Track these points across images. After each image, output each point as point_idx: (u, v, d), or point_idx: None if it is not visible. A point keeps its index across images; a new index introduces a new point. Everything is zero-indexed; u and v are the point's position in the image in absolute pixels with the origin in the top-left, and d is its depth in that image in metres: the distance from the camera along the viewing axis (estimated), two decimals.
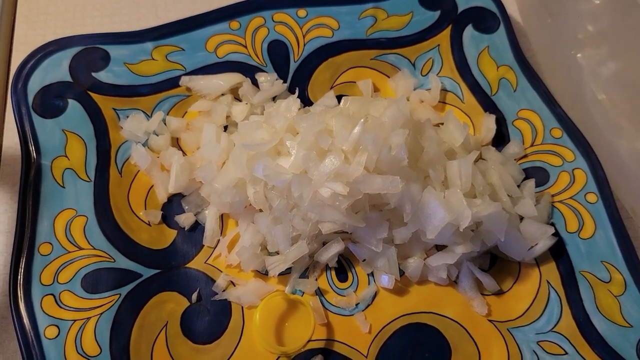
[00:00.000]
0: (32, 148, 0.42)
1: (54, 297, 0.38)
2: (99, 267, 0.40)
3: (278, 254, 0.42)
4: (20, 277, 0.38)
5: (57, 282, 0.39)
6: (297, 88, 0.46)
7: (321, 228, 0.39)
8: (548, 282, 0.42)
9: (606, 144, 0.44)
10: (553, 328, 0.40)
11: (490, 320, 0.41)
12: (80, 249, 0.40)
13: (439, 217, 0.38)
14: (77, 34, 0.47)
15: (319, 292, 0.42)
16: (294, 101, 0.43)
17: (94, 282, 0.39)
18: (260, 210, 0.42)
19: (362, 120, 0.38)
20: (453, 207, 0.39)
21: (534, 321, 0.41)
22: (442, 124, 0.46)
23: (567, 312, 0.41)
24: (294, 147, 0.40)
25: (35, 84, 0.44)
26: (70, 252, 0.40)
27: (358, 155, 0.38)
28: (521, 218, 0.43)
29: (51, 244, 0.40)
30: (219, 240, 0.43)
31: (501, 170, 0.43)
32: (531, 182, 0.44)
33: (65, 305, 0.38)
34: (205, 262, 0.42)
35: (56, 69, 0.45)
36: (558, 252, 0.42)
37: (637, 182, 0.43)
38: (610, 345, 0.39)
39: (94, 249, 0.40)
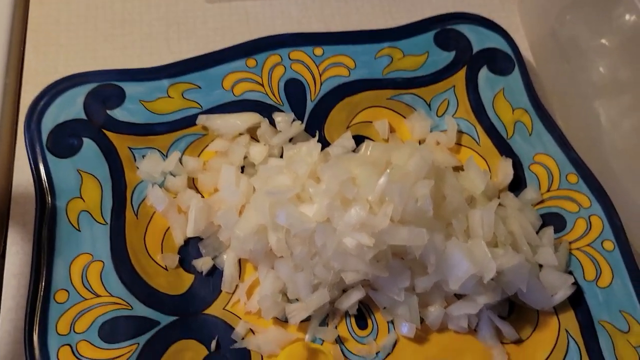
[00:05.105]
0: (46, 189, 0.41)
1: (71, 347, 0.37)
2: (117, 315, 0.39)
3: (298, 300, 0.41)
4: (36, 326, 0.37)
5: (74, 331, 0.38)
6: (317, 131, 0.46)
7: (344, 277, 0.39)
8: (567, 331, 0.42)
9: (623, 191, 0.44)
10: None
11: None
12: (98, 296, 0.39)
13: (463, 269, 0.38)
14: (91, 70, 0.46)
15: (339, 340, 0.41)
16: (315, 146, 0.43)
17: (112, 331, 0.38)
18: (281, 257, 0.41)
19: (388, 171, 0.38)
20: (477, 258, 0.39)
21: None
22: (460, 168, 0.46)
23: None
24: (318, 195, 0.39)
25: (49, 121, 0.43)
26: (87, 299, 0.39)
27: (384, 207, 0.38)
28: (540, 266, 0.43)
29: (67, 291, 0.39)
30: (237, 285, 0.42)
31: (521, 218, 0.43)
32: (550, 230, 0.44)
33: (83, 356, 0.37)
34: (223, 309, 0.41)
35: (70, 106, 0.44)
36: (576, 300, 0.42)
37: None
38: None
39: (112, 296, 0.39)
